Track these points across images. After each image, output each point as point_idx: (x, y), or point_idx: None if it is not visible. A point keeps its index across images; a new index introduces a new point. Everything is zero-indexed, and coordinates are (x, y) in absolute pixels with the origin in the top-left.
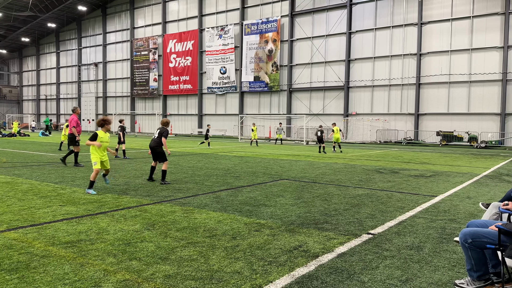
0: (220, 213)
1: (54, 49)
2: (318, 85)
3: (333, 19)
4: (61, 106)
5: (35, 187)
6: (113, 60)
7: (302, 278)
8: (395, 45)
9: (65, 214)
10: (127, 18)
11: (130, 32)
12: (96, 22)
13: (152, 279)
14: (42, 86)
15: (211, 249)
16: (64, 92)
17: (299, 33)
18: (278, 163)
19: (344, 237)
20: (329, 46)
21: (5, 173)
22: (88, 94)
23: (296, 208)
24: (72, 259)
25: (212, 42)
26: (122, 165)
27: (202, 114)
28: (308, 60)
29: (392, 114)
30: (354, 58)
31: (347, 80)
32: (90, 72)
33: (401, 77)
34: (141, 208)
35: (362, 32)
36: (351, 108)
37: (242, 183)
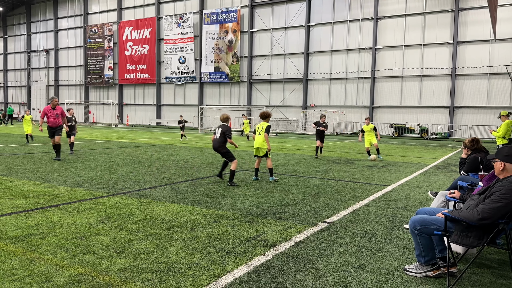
0: (179, 205)
1: (1, 34)
2: (278, 77)
3: (292, 12)
4: (9, 95)
5: None
6: (66, 47)
7: (259, 267)
8: (352, 39)
9: (14, 208)
10: (80, 3)
11: (84, 18)
12: (47, 7)
13: (107, 273)
14: None
15: (168, 241)
16: (12, 80)
17: (259, 25)
18: (238, 155)
19: (301, 226)
20: (289, 39)
21: None
22: (38, 82)
23: (255, 198)
24: (21, 254)
25: (170, 31)
26: (75, 157)
27: (160, 104)
28: (268, 52)
29: (349, 107)
30: (312, 51)
31: (306, 72)
32: (40, 59)
33: (357, 70)
34: (96, 200)
35: (321, 25)
36: (309, 100)
37: (202, 175)
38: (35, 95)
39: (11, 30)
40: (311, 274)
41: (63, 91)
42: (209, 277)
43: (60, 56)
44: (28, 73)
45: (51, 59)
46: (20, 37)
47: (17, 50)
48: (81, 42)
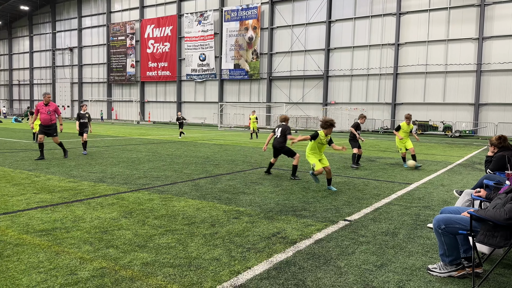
0: (199, 201)
1: (27, 32)
2: (298, 74)
3: (313, 8)
4: (35, 92)
5: (7, 174)
6: (89, 45)
7: (280, 264)
8: (374, 35)
9: (40, 202)
10: (103, 1)
11: (107, 16)
12: (71, 6)
13: (130, 267)
14: (14, 71)
15: (189, 236)
16: (38, 78)
17: (279, 21)
18: (258, 151)
19: (321, 223)
20: (309, 35)
21: None
22: (63, 79)
23: (275, 195)
24: (47, 247)
25: (191, 28)
26: (98, 153)
27: (181, 101)
28: (288, 49)
29: (370, 104)
30: (333, 47)
31: (326, 69)
32: (65, 57)
33: (379, 66)
34: (118, 196)
35: (342, 21)
36: (330, 97)
37: (222, 171)
38: (59, 93)
39: (36, 29)
40: (332, 272)
41: (87, 88)
42: (229, 273)
43: (84, 54)
44: (53, 70)
45: (75, 57)
46: (45, 35)
47: (43, 48)
48: (104, 40)
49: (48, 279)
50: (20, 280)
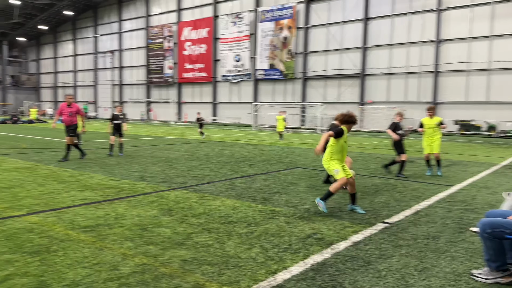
0: (235, 200)
1: (71, 37)
2: (333, 73)
3: (349, 5)
4: (78, 94)
5: (54, 172)
6: (129, 48)
7: (317, 265)
8: (413, 32)
9: (84, 199)
10: (142, 5)
11: (145, 19)
12: (111, 10)
13: (169, 264)
14: (59, 73)
15: (226, 235)
16: (81, 80)
17: (315, 20)
18: (293, 152)
19: (359, 225)
20: (345, 33)
21: (25, 159)
22: (104, 82)
23: (311, 196)
24: (91, 243)
25: (226, 30)
26: (138, 152)
27: (216, 102)
28: (323, 48)
29: (409, 103)
30: (370, 45)
31: (363, 67)
32: (106, 60)
33: (419, 64)
34: (158, 194)
35: (379, 18)
36: (367, 97)
37: (257, 171)
38: (101, 94)
39: (80, 33)
40: (370, 275)
41: (127, 90)
42: (266, 273)
43: (124, 57)
44: (95, 73)
45: (116, 59)
46: (88, 39)
47: (85, 52)
48: (143, 43)
49: (92, 274)
50: (67, 274)
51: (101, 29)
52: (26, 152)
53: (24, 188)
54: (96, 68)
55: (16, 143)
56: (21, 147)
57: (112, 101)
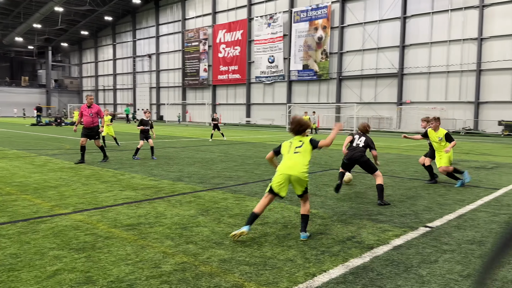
0: None
1: (111, 41)
2: (369, 73)
3: (386, 4)
4: (118, 96)
5: (96, 172)
6: (166, 51)
7: (356, 269)
8: (454, 29)
9: (125, 198)
10: (179, 9)
11: (182, 23)
12: (149, 14)
13: (208, 263)
14: (100, 77)
15: (263, 236)
16: (120, 83)
17: (350, 19)
18: (327, 153)
19: (399, 229)
20: (382, 32)
21: (69, 159)
22: (142, 84)
23: (348, 198)
24: (133, 241)
25: (260, 31)
26: (175, 153)
27: (250, 103)
28: (359, 47)
29: (450, 103)
30: (409, 44)
31: (401, 67)
32: (144, 63)
33: (460, 63)
34: (195, 194)
35: (418, 16)
36: (405, 96)
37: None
38: (139, 97)
39: (119, 38)
40: (413, 280)
41: (164, 92)
42: (304, 275)
43: (161, 60)
44: (134, 76)
45: (153, 63)
46: (127, 43)
47: (124, 56)
48: (179, 46)
49: (135, 271)
50: (111, 270)
51: (139, 33)
52: (70, 152)
53: (70, 187)
54: (135, 72)
55: (61, 144)
56: (65, 148)
57: (150, 103)
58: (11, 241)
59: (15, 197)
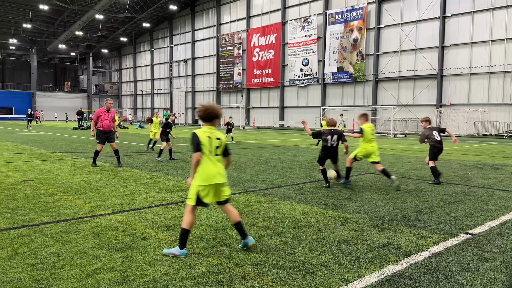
0: (304, 205)
1: (149, 47)
2: (407, 74)
3: (424, 4)
4: (155, 101)
5: (135, 174)
6: (201, 56)
7: (393, 276)
8: (496, 29)
9: (162, 200)
10: (214, 14)
11: (217, 28)
12: (185, 20)
13: (242, 265)
14: (138, 82)
15: (297, 240)
16: (157, 88)
17: (387, 20)
18: None
19: (439, 236)
20: (420, 32)
21: (109, 162)
22: (178, 89)
23: (385, 203)
24: (169, 242)
25: (294, 34)
26: None
27: (283, 106)
28: (396, 48)
29: (493, 105)
30: (448, 44)
31: (440, 68)
32: (180, 68)
33: (504, 63)
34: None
35: (458, 16)
36: (444, 98)
37: None
38: (176, 101)
39: (156, 44)
40: None
41: (199, 96)
42: (339, 281)
43: (196, 65)
44: (170, 81)
45: (189, 68)
46: (164, 49)
47: (162, 61)
48: (214, 51)
49: (170, 271)
50: (148, 271)
51: (175, 39)
52: (110, 155)
53: (109, 189)
54: (171, 77)
55: None
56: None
57: (185, 107)
58: (53, 240)
59: (58, 197)
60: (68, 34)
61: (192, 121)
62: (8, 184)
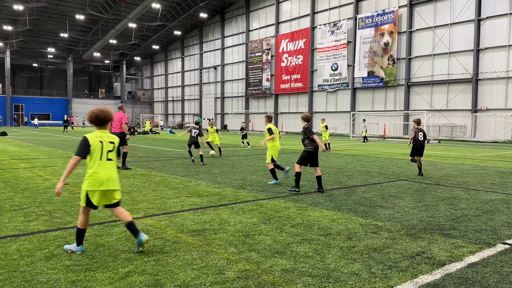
0: (334, 212)
1: (180, 54)
2: (440, 78)
3: (458, 6)
4: (185, 107)
5: (165, 179)
6: (230, 62)
7: (426, 286)
8: None
9: (191, 205)
10: (243, 21)
11: (246, 35)
12: (215, 28)
13: (271, 272)
14: (169, 88)
15: (326, 247)
16: (187, 94)
17: (419, 23)
18: (395, 163)
19: (475, 245)
20: (454, 36)
21: (141, 166)
22: (208, 95)
23: (418, 211)
24: (199, 246)
25: (324, 39)
26: (238, 161)
27: (312, 111)
28: (429, 52)
29: None
30: (484, 47)
31: (475, 71)
32: (210, 75)
33: None
34: (257, 202)
35: (494, 18)
36: (480, 103)
37: (356, 183)
38: (205, 107)
39: (187, 51)
40: None
41: (228, 102)
42: None
43: (226, 71)
44: (200, 87)
45: (218, 74)
46: (194, 56)
47: (192, 68)
48: (243, 57)
49: (200, 276)
50: (178, 274)
51: (205, 46)
52: (142, 160)
53: (141, 193)
54: (201, 83)
55: (133, 152)
56: (137, 156)
57: (215, 113)
58: (87, 243)
59: None
60: (103, 43)
61: (221, 126)
62: (45, 187)
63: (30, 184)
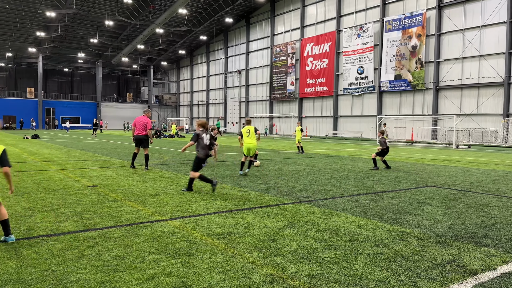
0: (361, 218)
1: (205, 59)
2: (470, 82)
3: (490, 8)
4: (210, 111)
5: None
6: (255, 66)
7: None
8: None
9: (217, 208)
10: (268, 25)
11: (270, 39)
12: (240, 32)
13: (296, 277)
14: (195, 93)
15: (353, 254)
16: (212, 98)
17: (448, 26)
18: (423, 168)
19: (508, 255)
20: (485, 38)
21: (167, 169)
22: (232, 99)
23: (447, 218)
24: (224, 250)
25: (349, 42)
26: (263, 165)
27: (337, 116)
28: (458, 55)
29: None
30: None
31: (508, 75)
32: (234, 79)
33: None
34: (282, 207)
35: None
36: None
37: (383, 188)
38: (229, 110)
39: (212, 55)
40: None
41: (252, 106)
42: None
43: (250, 75)
44: (225, 91)
45: (243, 78)
46: (219, 60)
47: (217, 72)
48: (268, 62)
49: (226, 279)
50: (204, 277)
51: (230, 50)
52: (168, 163)
53: (167, 196)
54: (226, 87)
55: (160, 155)
56: (164, 159)
57: (239, 117)
58: (116, 244)
59: (120, 203)
60: (131, 48)
61: None
62: (75, 189)
63: (60, 186)
